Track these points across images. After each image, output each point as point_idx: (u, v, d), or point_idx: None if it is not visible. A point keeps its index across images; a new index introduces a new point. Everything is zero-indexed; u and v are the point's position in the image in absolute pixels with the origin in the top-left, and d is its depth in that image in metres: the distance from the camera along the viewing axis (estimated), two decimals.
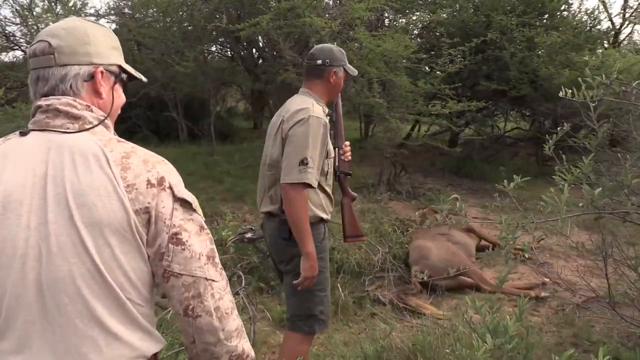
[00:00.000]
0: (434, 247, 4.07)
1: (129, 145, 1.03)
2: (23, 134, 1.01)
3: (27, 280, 0.93)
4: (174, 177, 1.05)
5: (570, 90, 2.29)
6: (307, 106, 2.09)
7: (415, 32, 8.07)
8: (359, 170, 7.80)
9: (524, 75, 7.59)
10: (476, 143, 8.26)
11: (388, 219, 5.78)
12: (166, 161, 1.07)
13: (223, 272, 1.07)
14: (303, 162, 1.98)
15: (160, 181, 1.01)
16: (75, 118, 1.01)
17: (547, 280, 3.94)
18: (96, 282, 0.95)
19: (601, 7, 9.32)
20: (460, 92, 6.79)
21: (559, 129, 2.35)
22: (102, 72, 1.06)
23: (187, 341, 1.06)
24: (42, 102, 1.02)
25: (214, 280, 1.03)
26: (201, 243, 1.03)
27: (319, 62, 2.19)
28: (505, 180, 2.15)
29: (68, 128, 1.00)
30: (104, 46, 1.08)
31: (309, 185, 2.01)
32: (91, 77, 1.05)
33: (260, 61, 8.96)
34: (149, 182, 0.99)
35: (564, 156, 2.29)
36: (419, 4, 7.72)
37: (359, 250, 4.26)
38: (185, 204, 1.03)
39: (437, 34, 8.00)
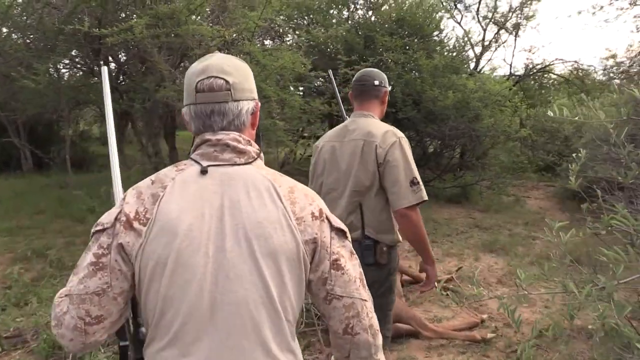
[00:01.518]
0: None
1: (290, 180, 1.14)
2: (204, 172, 1.07)
3: (203, 301, 1.01)
4: (326, 209, 1.15)
5: (564, 108, 1.89)
6: (388, 128, 2.12)
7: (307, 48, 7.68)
8: None
9: (408, 97, 7.59)
10: None
11: None
12: (317, 195, 1.16)
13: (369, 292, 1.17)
14: (414, 183, 2.03)
15: (320, 213, 1.12)
16: (241, 153, 1.10)
17: (484, 316, 3.61)
18: (266, 307, 1.04)
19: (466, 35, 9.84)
20: None
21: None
22: (258, 106, 1.18)
23: (341, 356, 1.17)
24: (211, 136, 1.10)
25: (366, 301, 1.14)
26: (354, 267, 1.14)
27: (377, 82, 2.22)
28: None
29: (235, 162, 1.09)
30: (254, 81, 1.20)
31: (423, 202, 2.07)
32: (252, 112, 1.16)
33: (122, 78, 7.83)
34: (313, 215, 1.10)
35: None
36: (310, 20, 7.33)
37: None
38: (339, 232, 1.14)
39: (330, 50, 7.68)
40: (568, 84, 11.42)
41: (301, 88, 6.31)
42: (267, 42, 7.04)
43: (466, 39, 9.53)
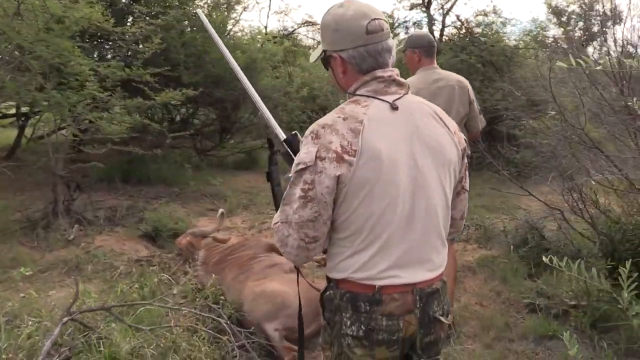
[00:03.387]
0: (289, 289, 2.94)
1: (432, 104, 1.40)
2: (395, 108, 1.27)
3: (404, 210, 1.25)
4: None
5: None
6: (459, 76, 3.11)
7: None
8: (14, 201, 5.19)
9: (189, 58, 6.71)
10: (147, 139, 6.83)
11: (123, 262, 4.01)
12: None
13: None
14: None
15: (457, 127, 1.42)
16: (402, 85, 1.32)
17: None
18: (443, 208, 1.33)
19: None
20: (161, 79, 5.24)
21: None
22: None
23: (458, 216, 1.49)
24: (382, 73, 1.30)
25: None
26: None
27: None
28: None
29: (400, 94, 1.30)
30: None
31: None
32: None
33: None
34: (457, 129, 1.40)
35: None
36: None
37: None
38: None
39: None
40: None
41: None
42: None
43: None
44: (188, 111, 8.26)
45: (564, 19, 9.90)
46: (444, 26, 7.55)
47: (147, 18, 5.23)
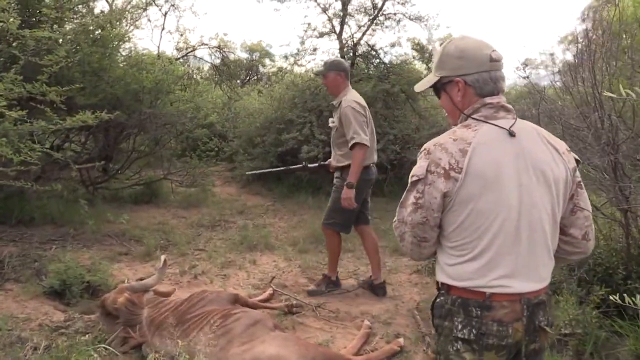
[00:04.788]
0: (287, 352, 2.43)
1: (539, 127, 1.52)
2: (512, 135, 1.42)
3: (511, 227, 1.39)
4: None
5: None
6: None
7: None
8: None
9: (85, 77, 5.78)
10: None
11: (33, 331, 3.13)
12: None
13: None
14: None
15: (569, 149, 1.51)
16: (509, 110, 1.47)
17: (401, 340, 3.10)
18: (550, 224, 1.44)
19: None
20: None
21: None
22: None
23: (570, 257, 1.58)
24: (491, 100, 1.46)
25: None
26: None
27: None
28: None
29: (508, 118, 1.46)
30: None
31: None
32: None
33: None
34: (567, 149, 1.50)
35: None
36: None
37: None
38: (577, 161, 1.52)
39: None
40: (216, 70, 11.32)
41: None
42: None
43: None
44: (61, 138, 7.10)
45: None
46: (355, 55, 7.52)
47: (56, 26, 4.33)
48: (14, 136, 3.66)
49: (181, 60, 10.25)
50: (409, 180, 1.45)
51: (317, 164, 4.08)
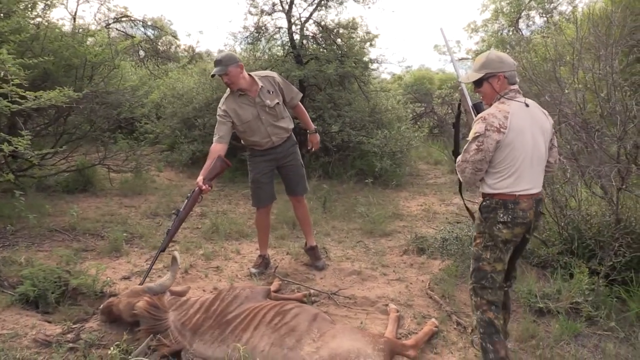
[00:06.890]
0: (359, 344, 2.37)
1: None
2: (527, 105, 2.45)
3: (528, 157, 2.39)
4: None
5: None
6: None
7: None
8: None
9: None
10: None
11: (21, 347, 2.72)
12: None
13: None
14: None
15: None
16: (520, 93, 2.48)
17: (434, 320, 3.14)
18: (544, 156, 2.49)
19: None
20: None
21: None
22: None
23: (552, 161, 2.62)
24: (513, 87, 2.46)
25: None
26: None
27: None
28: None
29: (522, 97, 2.47)
30: None
31: None
32: None
33: None
34: (548, 115, 2.58)
35: None
36: None
37: None
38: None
39: None
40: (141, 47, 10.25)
41: None
42: None
43: None
44: None
45: None
46: (303, 33, 7.28)
47: None
48: None
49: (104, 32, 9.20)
50: (471, 137, 2.38)
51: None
